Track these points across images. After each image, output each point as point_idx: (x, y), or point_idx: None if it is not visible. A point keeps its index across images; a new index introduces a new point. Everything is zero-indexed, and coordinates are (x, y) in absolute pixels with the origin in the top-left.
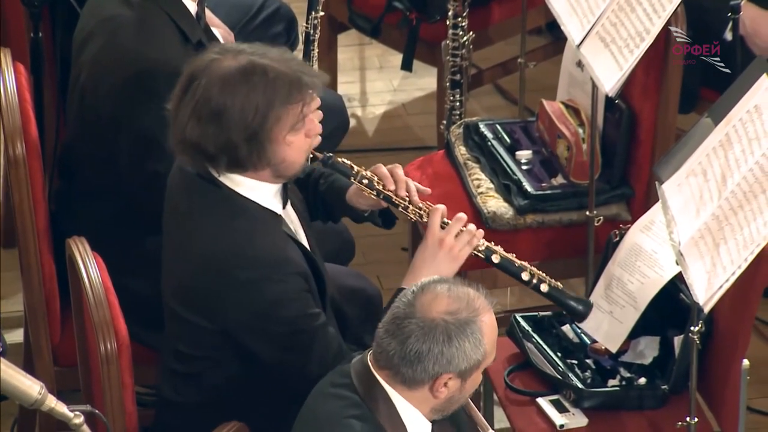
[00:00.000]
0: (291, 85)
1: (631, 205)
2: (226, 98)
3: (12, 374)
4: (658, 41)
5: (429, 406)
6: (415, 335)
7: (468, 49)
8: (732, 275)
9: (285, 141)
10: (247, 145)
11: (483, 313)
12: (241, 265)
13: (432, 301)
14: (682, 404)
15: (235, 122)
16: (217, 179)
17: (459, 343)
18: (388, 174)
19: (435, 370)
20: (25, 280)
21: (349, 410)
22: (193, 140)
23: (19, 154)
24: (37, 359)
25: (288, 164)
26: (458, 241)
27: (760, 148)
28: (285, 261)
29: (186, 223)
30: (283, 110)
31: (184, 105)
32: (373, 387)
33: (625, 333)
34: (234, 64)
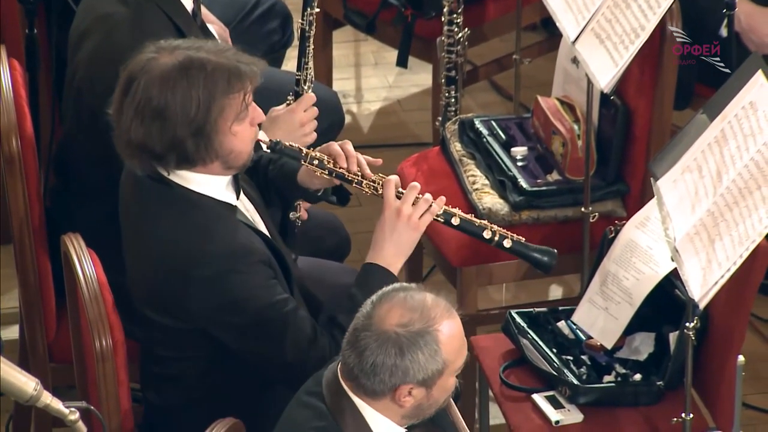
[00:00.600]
0: (230, 75)
1: (626, 201)
2: (167, 95)
3: (8, 371)
4: (654, 37)
5: (398, 414)
6: (370, 348)
7: (463, 46)
8: (727, 271)
9: (231, 131)
10: (194, 140)
11: (439, 322)
12: (203, 262)
13: (387, 312)
14: (677, 400)
15: (179, 118)
16: (166, 178)
17: (411, 356)
18: (341, 151)
19: (392, 381)
20: (21, 276)
21: (314, 421)
22: (138, 141)
23: (14, 151)
24: (33, 356)
25: (236, 154)
26: (416, 209)
27: (756, 144)
28: (248, 251)
29: (140, 226)
30: (225, 101)
31: (126, 107)
32: (341, 398)
33: (620, 329)
34: (171, 61)
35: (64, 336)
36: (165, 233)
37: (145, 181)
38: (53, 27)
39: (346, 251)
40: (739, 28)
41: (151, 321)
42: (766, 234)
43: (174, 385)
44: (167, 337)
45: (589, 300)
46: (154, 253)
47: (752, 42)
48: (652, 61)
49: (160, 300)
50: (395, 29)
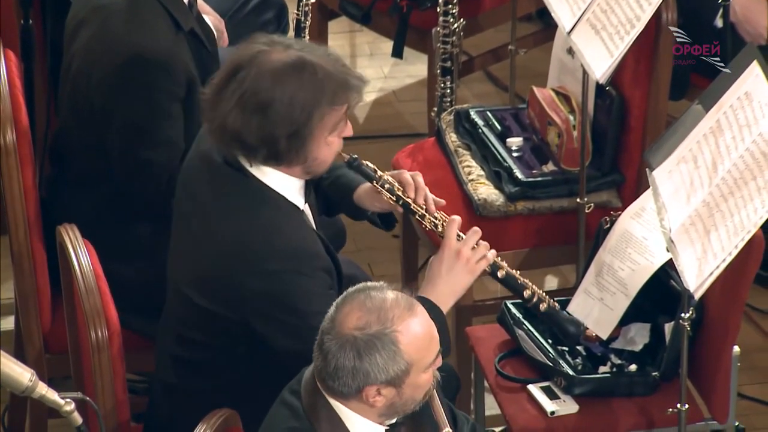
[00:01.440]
0: (338, 86)
1: (621, 191)
2: (276, 92)
3: (3, 362)
4: (649, 28)
5: (373, 413)
6: (331, 352)
7: (459, 36)
8: (723, 262)
9: (325, 141)
10: (288, 141)
11: (398, 322)
12: (270, 257)
13: (346, 315)
14: (672, 391)
15: (281, 117)
16: (246, 169)
17: (369, 359)
18: (411, 181)
19: (356, 384)
20: (16, 267)
21: (290, 421)
22: (234, 129)
23: (9, 141)
24: (28, 346)
25: (320, 162)
26: (475, 254)
27: (751, 135)
28: (314, 255)
29: (209, 210)
30: (328, 110)
31: (229, 93)
32: (317, 398)
33: (615, 320)
34: (284, 58)
35: (59, 327)
36: (236, 223)
37: (222, 167)
38: (48, 17)
39: (342, 242)
40: (735, 19)
41: (191, 303)
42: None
43: (194, 370)
44: (201, 322)
45: (585, 291)
46: (220, 238)
47: (747, 33)
48: (647, 52)
49: (212, 283)
50: (391, 20)
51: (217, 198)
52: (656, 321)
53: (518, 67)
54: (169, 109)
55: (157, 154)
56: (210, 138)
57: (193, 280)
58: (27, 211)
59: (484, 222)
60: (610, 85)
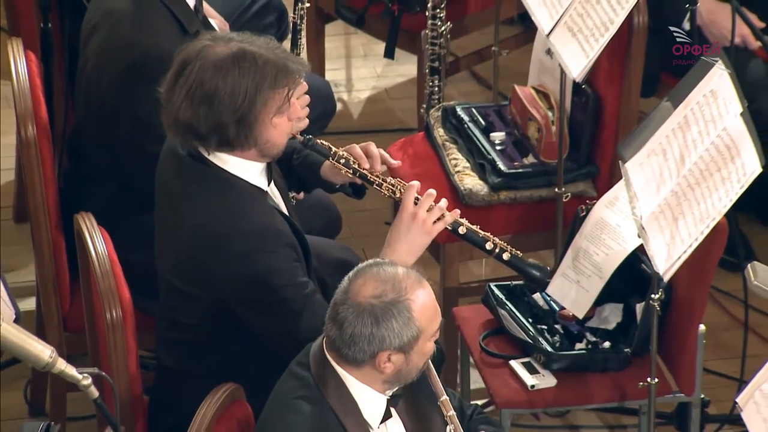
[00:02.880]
0: (278, 71)
1: (596, 182)
2: (218, 82)
3: (25, 339)
4: (622, 30)
5: (379, 380)
6: (348, 320)
7: (446, 38)
8: (689, 247)
9: (271, 123)
10: (236, 126)
11: (411, 291)
12: (234, 238)
13: (362, 286)
14: (643, 366)
15: (226, 104)
16: (206, 158)
17: (387, 324)
18: (362, 154)
19: (371, 349)
20: (37, 252)
21: (300, 391)
22: (185, 121)
23: (30, 136)
24: (48, 326)
25: (272, 144)
26: (430, 216)
27: (716, 130)
28: (276, 233)
29: (178, 200)
30: (270, 94)
31: (178, 88)
32: (325, 368)
33: (590, 300)
34: (225, 51)
35: (77, 307)
36: (201, 209)
37: (186, 159)
38: (65, 21)
39: (338, 229)
40: (701, 22)
41: (175, 289)
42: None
43: (187, 350)
44: (188, 306)
45: (562, 274)
46: (189, 226)
47: (712, 35)
48: (620, 53)
49: (189, 270)
50: (383, 23)
51: (183, 188)
52: (628, 301)
53: (501, 67)
54: None
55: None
56: (168, 132)
57: (172, 267)
58: (47, 200)
59: (470, 210)
60: (585, 84)
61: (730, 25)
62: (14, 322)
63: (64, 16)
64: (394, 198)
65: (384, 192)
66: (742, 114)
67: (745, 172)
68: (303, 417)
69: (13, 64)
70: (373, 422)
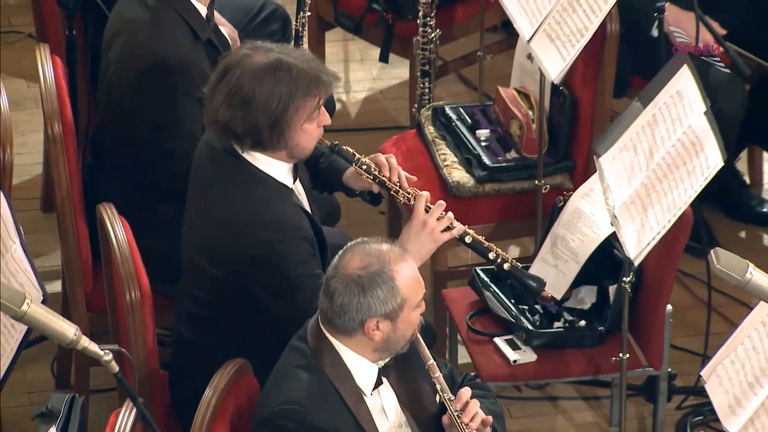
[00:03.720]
0: (311, 81)
1: (573, 175)
2: (256, 88)
3: (51, 318)
4: (596, 36)
5: (370, 348)
6: (338, 291)
7: (435, 44)
8: (658, 234)
9: (302, 128)
10: (270, 130)
11: (394, 263)
12: (257, 227)
13: (349, 260)
14: (616, 343)
15: (262, 109)
16: (240, 155)
17: (372, 293)
18: (385, 162)
19: (360, 317)
20: (63, 239)
21: (299, 361)
22: (224, 121)
23: (56, 134)
24: (73, 306)
25: (301, 148)
26: (439, 224)
27: (682, 127)
28: (296, 227)
29: (211, 189)
30: (302, 102)
31: (219, 91)
32: (321, 340)
33: (568, 283)
34: (264, 60)
35: (99, 290)
36: (230, 198)
37: (221, 152)
38: (89, 28)
39: (337, 218)
40: (668, 29)
41: (199, 267)
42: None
43: (204, 324)
44: (209, 284)
45: (542, 258)
46: (218, 213)
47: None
48: (595, 57)
49: (213, 252)
50: (378, 30)
51: (216, 179)
52: (602, 284)
53: (486, 70)
54: (187, 107)
55: (178, 145)
56: (207, 129)
57: (200, 248)
58: (72, 192)
59: (457, 201)
60: (563, 85)
61: (694, 32)
62: (42, 303)
63: (88, 24)
64: (408, 205)
65: (399, 199)
66: (705, 113)
67: (708, 166)
68: (301, 384)
69: (41, 68)
70: (366, 389)
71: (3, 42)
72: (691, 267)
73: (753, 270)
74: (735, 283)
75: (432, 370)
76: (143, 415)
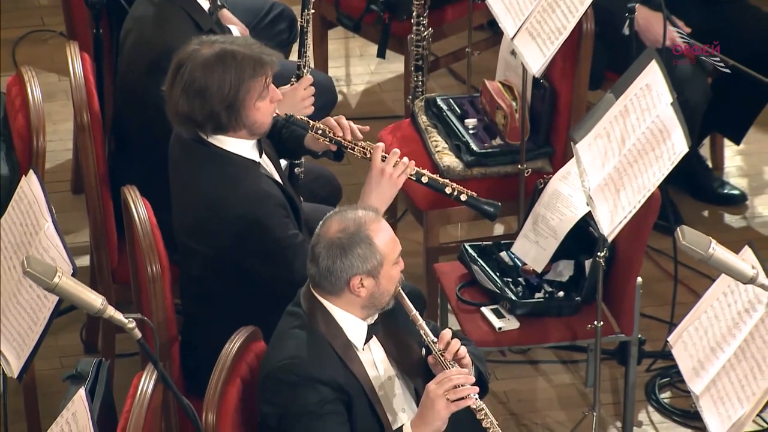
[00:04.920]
0: (255, 63)
1: (552, 160)
2: (207, 78)
3: (80, 290)
4: (573, 35)
5: (358, 306)
6: (321, 256)
7: (428, 42)
8: (629, 213)
9: (255, 107)
10: (227, 112)
11: (369, 223)
12: (235, 202)
13: (329, 226)
14: (591, 312)
15: (215, 96)
16: (206, 140)
17: (353, 252)
18: (335, 124)
19: (344, 276)
20: (90, 217)
21: (295, 323)
22: (184, 112)
23: (85, 123)
24: (100, 279)
25: (258, 124)
26: (396, 170)
27: (650, 117)
28: (268, 195)
29: (187, 177)
30: (251, 83)
31: (175, 86)
32: (314, 303)
33: (547, 258)
34: (210, 51)
35: (123, 263)
36: (206, 181)
37: (191, 143)
38: (113, 28)
39: (338, 199)
40: (638, 28)
41: (191, 249)
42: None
43: (205, 300)
44: (202, 262)
45: (524, 235)
46: (197, 196)
47: (648, 39)
48: (572, 53)
49: (199, 232)
50: (376, 29)
51: (190, 166)
52: (579, 258)
53: (473, 65)
54: None
55: None
56: (172, 122)
57: (188, 232)
58: (98, 175)
59: None
60: (543, 79)
61: (662, 31)
62: (72, 276)
63: (113, 23)
64: (366, 158)
65: (356, 154)
66: (672, 104)
67: (674, 151)
68: (299, 341)
69: (71, 63)
70: (358, 344)
71: (37, 39)
72: (659, 243)
73: (715, 246)
74: (699, 258)
75: (415, 319)
76: (163, 377)
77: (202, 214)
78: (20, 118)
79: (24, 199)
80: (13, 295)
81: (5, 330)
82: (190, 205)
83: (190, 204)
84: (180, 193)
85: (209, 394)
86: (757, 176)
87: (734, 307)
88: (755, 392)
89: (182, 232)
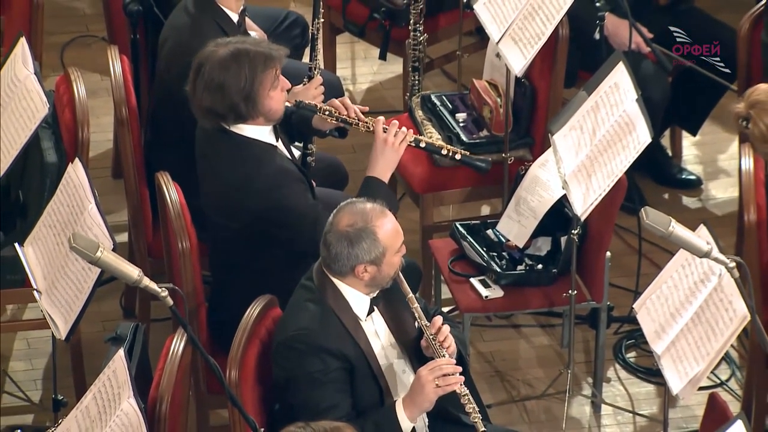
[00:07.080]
0: (265, 58)
1: (532, 149)
2: (225, 75)
3: (119, 263)
4: (551, 39)
5: (362, 285)
6: (332, 244)
7: (423, 46)
8: (599, 196)
9: (269, 96)
10: (245, 103)
11: (375, 220)
12: (258, 180)
13: (340, 218)
14: (566, 282)
15: (234, 89)
16: (228, 130)
17: (358, 245)
18: (340, 104)
19: (350, 263)
20: (129, 199)
21: (307, 295)
22: (207, 106)
23: (124, 116)
24: (137, 253)
25: (273, 111)
26: (396, 138)
27: (618, 111)
28: (288, 172)
29: (213, 162)
30: (263, 75)
31: (198, 83)
32: (324, 279)
33: (528, 235)
34: (226, 51)
35: (157, 240)
36: (231, 164)
37: (215, 133)
38: (149, 33)
39: (345, 183)
40: (607, 33)
41: (219, 224)
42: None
43: (232, 268)
44: (230, 235)
45: (507, 215)
46: (224, 177)
47: (615, 43)
48: (549, 55)
49: (226, 209)
50: (378, 34)
51: (216, 153)
52: (555, 235)
53: (463, 66)
54: None
55: None
56: (196, 116)
57: (215, 209)
58: (135, 163)
59: (440, 169)
60: (524, 78)
61: (628, 35)
62: (112, 251)
63: (148, 30)
64: (369, 131)
65: (361, 128)
66: (637, 100)
67: (639, 142)
68: (310, 313)
69: (111, 65)
70: (362, 315)
71: (82, 44)
72: (626, 222)
73: (674, 224)
74: (660, 235)
75: (411, 301)
76: (192, 339)
77: (228, 191)
78: (67, 112)
79: (70, 183)
80: (61, 267)
81: (55, 298)
82: (218, 185)
83: (219, 185)
84: (208, 176)
85: (232, 352)
86: (712, 163)
87: (691, 278)
88: (709, 352)
89: (212, 210)
